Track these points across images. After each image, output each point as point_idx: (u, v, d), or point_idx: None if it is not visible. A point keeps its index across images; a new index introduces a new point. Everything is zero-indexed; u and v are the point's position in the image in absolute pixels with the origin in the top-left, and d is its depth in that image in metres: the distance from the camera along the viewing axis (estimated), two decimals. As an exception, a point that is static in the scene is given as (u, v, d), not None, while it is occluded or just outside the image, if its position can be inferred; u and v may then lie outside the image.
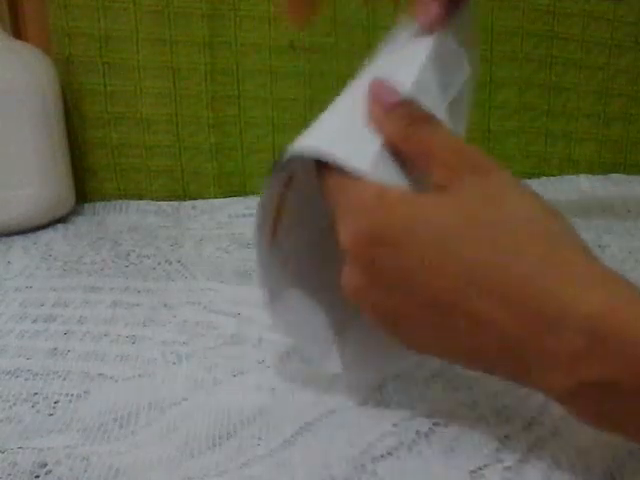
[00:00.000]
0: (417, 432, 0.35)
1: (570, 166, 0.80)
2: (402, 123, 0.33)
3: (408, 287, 0.31)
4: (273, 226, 0.37)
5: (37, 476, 0.33)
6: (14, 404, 0.39)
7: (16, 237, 0.63)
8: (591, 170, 0.80)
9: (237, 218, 0.68)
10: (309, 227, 0.38)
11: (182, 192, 0.74)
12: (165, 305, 0.50)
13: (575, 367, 0.27)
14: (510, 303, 0.28)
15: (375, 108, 0.34)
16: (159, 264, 0.58)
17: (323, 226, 0.36)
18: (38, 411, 0.38)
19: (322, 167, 0.33)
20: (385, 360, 0.38)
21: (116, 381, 0.41)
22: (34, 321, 0.48)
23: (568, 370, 0.27)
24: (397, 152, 0.33)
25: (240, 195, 0.74)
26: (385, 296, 0.32)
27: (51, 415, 0.38)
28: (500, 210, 0.30)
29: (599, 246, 0.60)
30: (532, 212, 0.30)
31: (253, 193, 0.74)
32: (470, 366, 0.32)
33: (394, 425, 0.36)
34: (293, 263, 0.39)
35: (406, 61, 0.37)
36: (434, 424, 0.36)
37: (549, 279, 0.28)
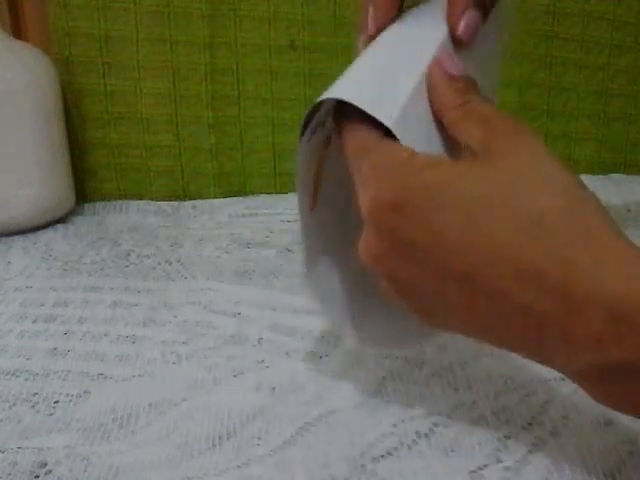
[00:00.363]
0: (417, 432, 0.35)
1: (570, 166, 0.80)
2: (458, 92, 0.32)
3: (428, 258, 0.29)
4: (314, 192, 0.36)
5: (37, 476, 0.33)
6: (14, 404, 0.39)
7: (16, 237, 0.63)
8: (591, 170, 0.80)
9: (237, 218, 0.68)
10: (343, 195, 0.37)
11: (182, 192, 0.74)
12: (165, 305, 0.50)
13: (600, 347, 0.26)
14: (533, 280, 0.27)
15: (437, 71, 0.33)
16: (159, 264, 0.58)
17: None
18: (38, 411, 0.38)
19: (345, 126, 0.32)
20: (401, 337, 0.37)
21: (116, 381, 0.41)
22: (34, 321, 0.48)
23: (592, 350, 0.27)
24: (442, 117, 0.32)
25: (240, 195, 0.74)
26: (402, 265, 0.30)
27: (51, 415, 0.38)
28: (529, 183, 0.29)
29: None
30: (561, 185, 0.29)
31: (253, 193, 0.74)
32: (484, 341, 0.31)
33: (394, 425, 0.36)
34: (328, 230, 0.38)
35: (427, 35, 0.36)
36: (434, 424, 0.36)
37: (575, 256, 0.27)
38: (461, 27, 0.35)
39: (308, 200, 0.37)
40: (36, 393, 0.40)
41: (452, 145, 0.32)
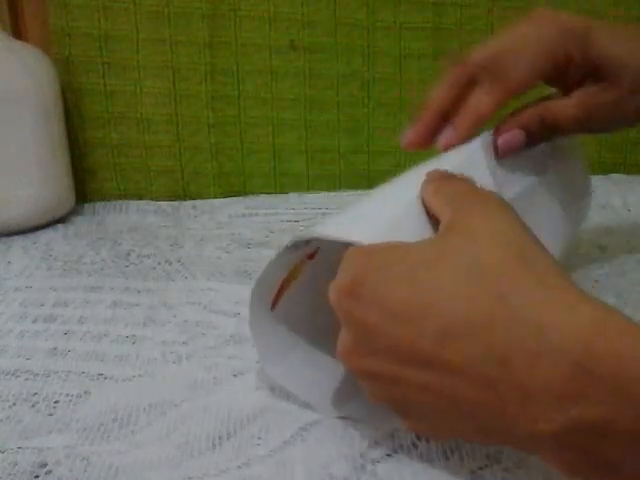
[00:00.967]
0: (417, 435, 0.35)
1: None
2: (437, 181, 0.34)
3: (383, 340, 0.29)
4: (278, 292, 0.37)
5: (37, 476, 0.33)
6: (14, 404, 0.39)
7: (16, 237, 0.63)
8: (591, 170, 0.80)
9: (237, 218, 0.68)
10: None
11: (182, 192, 0.74)
12: (165, 305, 0.50)
13: (563, 403, 0.25)
14: (484, 337, 0.26)
15: (424, 184, 0.35)
16: (159, 264, 0.58)
17: None
18: (38, 411, 0.38)
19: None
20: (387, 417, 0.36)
21: (116, 381, 0.41)
22: (34, 321, 0.48)
23: (555, 406, 0.25)
24: (428, 210, 0.34)
25: (240, 195, 0.74)
26: (367, 357, 0.30)
27: (51, 415, 0.38)
28: (477, 245, 0.29)
29: (599, 246, 0.60)
30: (515, 246, 0.28)
31: (253, 193, 0.74)
32: (453, 433, 0.30)
33: (394, 427, 0.36)
34: (302, 327, 0.39)
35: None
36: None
37: (528, 304, 0.26)
38: (500, 140, 0.41)
39: (271, 297, 0.37)
40: (36, 393, 0.40)
41: None
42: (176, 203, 0.72)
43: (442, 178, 0.35)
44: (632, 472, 0.25)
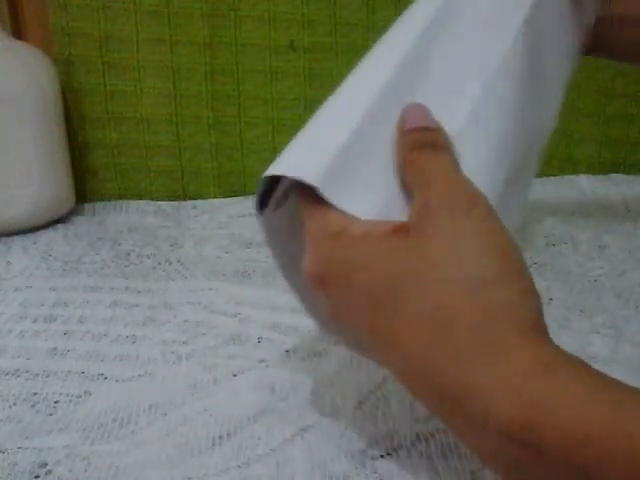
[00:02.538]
0: (417, 435, 0.35)
1: (570, 166, 0.80)
2: (410, 147, 0.31)
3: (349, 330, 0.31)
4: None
5: (37, 476, 0.33)
6: (14, 404, 0.39)
7: (16, 237, 0.63)
8: (591, 170, 0.80)
9: (237, 218, 0.68)
10: None
11: (182, 192, 0.74)
12: (165, 305, 0.50)
13: (496, 467, 0.26)
14: (432, 384, 0.27)
15: (396, 130, 0.32)
16: (159, 264, 0.58)
17: None
18: (38, 411, 0.38)
19: (298, 187, 0.32)
20: None
21: (116, 381, 0.41)
22: (34, 321, 0.48)
23: (491, 464, 0.26)
24: (401, 178, 0.31)
25: (240, 195, 0.74)
26: (344, 329, 0.32)
27: (51, 415, 0.38)
28: (442, 279, 0.27)
29: (599, 246, 0.60)
30: (480, 280, 0.27)
31: (253, 193, 0.74)
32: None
33: (394, 426, 0.36)
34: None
35: None
36: (435, 428, 0.36)
37: (472, 368, 0.25)
38: None
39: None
40: (36, 393, 0.40)
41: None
42: (176, 203, 0.72)
43: (420, 143, 0.31)
44: None
